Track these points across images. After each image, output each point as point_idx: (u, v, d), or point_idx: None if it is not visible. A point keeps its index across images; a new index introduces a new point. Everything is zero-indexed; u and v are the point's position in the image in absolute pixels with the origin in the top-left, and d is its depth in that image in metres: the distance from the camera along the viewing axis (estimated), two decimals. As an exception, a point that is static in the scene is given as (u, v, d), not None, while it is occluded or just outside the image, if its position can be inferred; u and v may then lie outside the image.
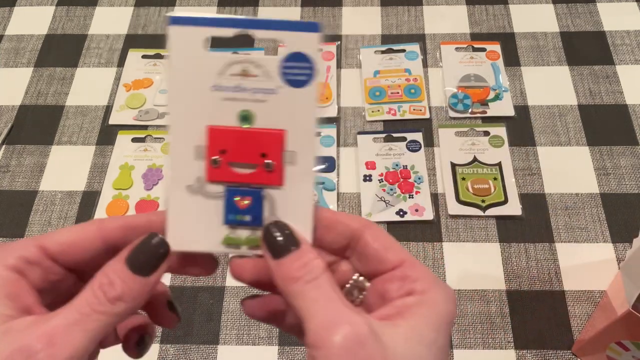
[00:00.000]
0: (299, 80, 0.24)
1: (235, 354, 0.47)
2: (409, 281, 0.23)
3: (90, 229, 0.24)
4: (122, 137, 0.59)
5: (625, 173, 0.55)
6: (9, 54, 0.66)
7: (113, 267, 0.22)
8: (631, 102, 0.59)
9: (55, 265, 0.23)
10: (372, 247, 0.24)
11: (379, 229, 0.25)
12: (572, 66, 0.62)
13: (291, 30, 0.24)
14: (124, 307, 0.22)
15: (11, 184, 0.56)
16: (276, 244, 0.23)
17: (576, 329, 0.47)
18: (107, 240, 0.24)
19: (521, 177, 0.55)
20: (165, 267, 0.23)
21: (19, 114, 0.61)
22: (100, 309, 0.21)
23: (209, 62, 0.24)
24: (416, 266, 0.24)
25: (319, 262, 0.23)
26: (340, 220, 0.25)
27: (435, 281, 0.23)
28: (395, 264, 0.24)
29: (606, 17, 0.66)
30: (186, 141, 0.24)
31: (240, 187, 0.25)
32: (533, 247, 0.51)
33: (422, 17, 0.67)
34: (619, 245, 0.51)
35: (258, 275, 0.26)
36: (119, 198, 0.55)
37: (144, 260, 0.23)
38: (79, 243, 0.24)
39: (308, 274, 0.22)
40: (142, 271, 0.22)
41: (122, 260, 0.23)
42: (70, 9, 0.69)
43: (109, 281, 0.22)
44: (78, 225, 0.24)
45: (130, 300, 0.22)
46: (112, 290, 0.22)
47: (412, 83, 0.61)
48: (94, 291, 0.22)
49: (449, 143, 0.57)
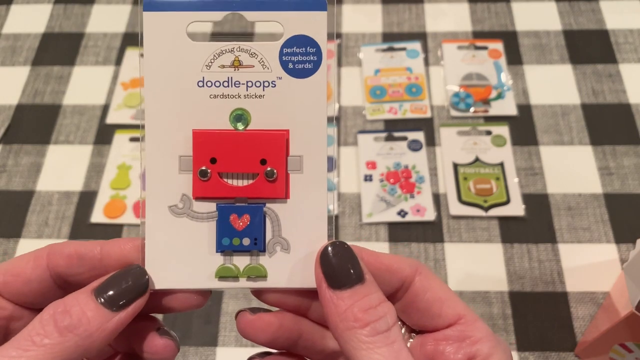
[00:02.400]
0: (303, 69, 0.20)
1: (234, 356, 0.46)
2: (469, 343, 0.19)
3: (39, 255, 0.21)
4: (120, 137, 0.58)
5: (628, 173, 0.54)
6: (5, 52, 0.65)
7: (75, 295, 0.19)
8: (634, 101, 0.59)
9: (2, 299, 0.20)
10: (424, 299, 0.20)
11: (430, 275, 0.21)
12: (575, 65, 0.62)
13: (291, 10, 0.20)
14: (74, 342, 0.18)
15: (8, 184, 0.56)
16: (337, 270, 0.19)
17: (579, 330, 0.47)
18: (52, 269, 0.21)
19: (524, 177, 0.54)
20: (140, 305, 0.20)
21: (16, 113, 0.61)
22: (44, 341, 0.17)
23: (193, 53, 0.20)
24: (475, 323, 0.20)
25: (390, 308, 0.19)
26: (386, 266, 0.21)
27: (497, 341, 0.20)
28: (451, 320, 0.20)
29: (609, 15, 0.65)
30: (167, 150, 0.20)
31: (235, 203, 0.21)
32: (535, 247, 0.51)
33: (423, 15, 0.66)
34: (622, 245, 0.50)
35: (279, 333, 0.22)
36: (117, 198, 0.54)
37: (116, 293, 0.19)
38: (21, 273, 0.20)
39: (380, 322, 0.18)
40: (111, 304, 0.19)
41: (89, 289, 0.19)
42: (68, 7, 0.69)
43: (64, 309, 0.18)
44: (29, 252, 0.21)
45: (85, 336, 0.18)
46: (65, 319, 0.18)
47: (414, 82, 0.61)
48: (42, 320, 0.18)
49: (450, 142, 0.56)
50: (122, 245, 0.21)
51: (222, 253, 0.21)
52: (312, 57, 0.20)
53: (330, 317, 0.19)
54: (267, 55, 0.20)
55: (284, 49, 0.20)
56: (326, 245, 0.20)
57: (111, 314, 0.19)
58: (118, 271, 0.20)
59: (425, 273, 0.21)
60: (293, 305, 0.22)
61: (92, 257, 0.21)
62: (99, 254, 0.21)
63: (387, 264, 0.21)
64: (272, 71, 0.20)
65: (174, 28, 0.20)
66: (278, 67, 0.20)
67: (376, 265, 0.21)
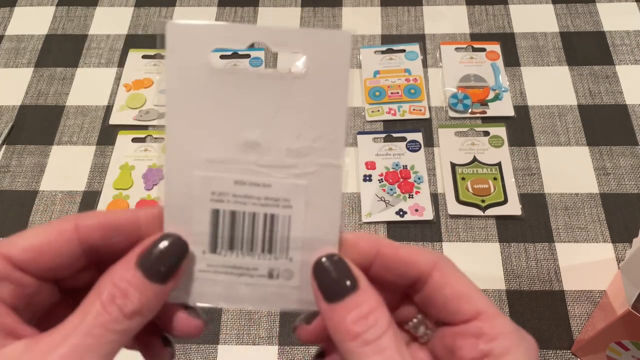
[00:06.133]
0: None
1: (235, 353, 0.47)
2: (485, 340, 0.19)
3: (64, 228, 0.20)
4: (123, 137, 0.59)
5: (625, 173, 0.55)
6: (9, 54, 0.66)
7: (123, 275, 0.19)
8: (631, 102, 0.59)
9: (26, 276, 0.19)
10: (442, 294, 0.20)
11: (450, 268, 0.20)
12: (571, 66, 0.62)
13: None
14: (141, 322, 0.19)
15: (11, 184, 0.57)
16: (329, 283, 0.19)
17: (576, 329, 0.47)
18: (84, 242, 0.20)
19: (521, 177, 0.55)
20: (182, 272, 0.20)
21: (20, 114, 0.61)
22: (116, 327, 0.18)
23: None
24: (495, 320, 0.19)
25: (382, 314, 0.19)
26: (403, 258, 0.20)
27: (517, 338, 0.19)
28: (469, 317, 0.19)
29: (606, 17, 0.66)
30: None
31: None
32: (533, 247, 0.51)
33: (422, 17, 0.67)
34: (618, 245, 0.51)
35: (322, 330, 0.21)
36: (119, 198, 0.55)
37: (160, 265, 0.19)
38: (50, 248, 0.19)
39: (369, 332, 0.18)
40: (159, 278, 0.19)
41: (132, 265, 0.19)
42: (71, 9, 0.69)
43: (122, 292, 0.18)
44: (48, 224, 0.20)
45: (148, 314, 0.19)
46: (128, 304, 0.18)
47: (412, 83, 0.61)
48: (105, 306, 0.18)
49: (448, 143, 0.57)
50: (155, 211, 0.21)
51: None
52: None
53: (329, 330, 0.19)
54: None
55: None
56: (318, 259, 0.20)
57: (163, 288, 0.19)
58: (154, 242, 0.20)
59: (445, 267, 0.20)
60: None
61: (128, 226, 0.20)
62: (137, 223, 0.20)
63: (404, 257, 0.20)
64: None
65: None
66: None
67: (393, 257, 0.20)
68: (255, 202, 0.21)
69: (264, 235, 0.21)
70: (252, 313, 0.48)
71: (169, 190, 0.21)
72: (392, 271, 0.20)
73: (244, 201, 0.21)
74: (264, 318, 0.48)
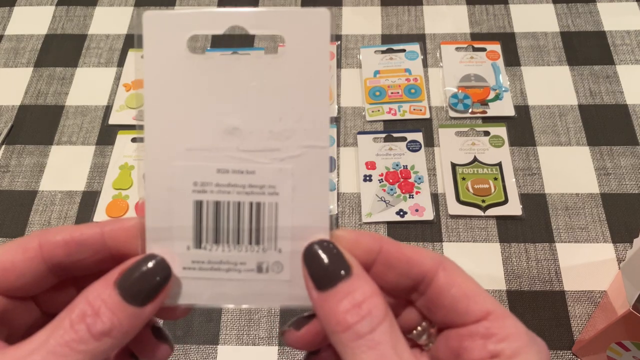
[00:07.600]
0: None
1: (235, 354, 0.47)
2: (495, 340, 0.18)
3: (28, 246, 0.19)
4: (122, 137, 0.59)
5: (625, 173, 0.55)
6: (8, 53, 0.66)
7: (99, 293, 0.18)
8: (631, 102, 0.59)
9: None
10: (449, 295, 0.19)
11: (455, 269, 0.20)
12: (572, 66, 0.62)
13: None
14: (110, 345, 0.18)
15: (11, 184, 0.56)
16: (319, 269, 0.18)
17: (576, 329, 0.47)
18: (48, 260, 0.19)
19: (521, 177, 0.55)
20: (164, 297, 0.19)
21: (19, 113, 0.61)
22: (80, 347, 0.17)
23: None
24: (504, 320, 0.18)
25: (377, 302, 0.18)
26: (407, 256, 0.20)
27: (528, 339, 0.18)
28: (478, 317, 0.19)
29: (606, 17, 0.65)
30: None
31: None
32: (533, 247, 0.51)
33: (422, 17, 0.67)
34: (619, 245, 0.51)
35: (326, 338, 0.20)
36: (119, 198, 0.55)
37: (139, 287, 0.18)
38: (14, 267, 0.19)
39: (362, 323, 0.17)
40: (137, 300, 0.18)
41: (111, 284, 0.18)
42: (70, 9, 0.69)
43: (94, 311, 0.17)
44: (13, 242, 0.19)
45: (120, 337, 0.18)
46: (98, 323, 0.17)
47: (412, 83, 0.61)
48: (74, 325, 0.17)
49: (449, 143, 0.57)
50: (124, 225, 0.20)
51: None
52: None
53: (320, 320, 0.18)
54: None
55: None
56: (308, 245, 0.19)
57: (140, 311, 0.18)
58: (137, 262, 0.19)
59: (450, 268, 0.20)
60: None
61: (93, 241, 0.19)
62: (101, 238, 0.20)
63: (408, 255, 0.20)
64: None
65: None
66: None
67: (396, 255, 0.20)
68: (239, 190, 0.20)
69: (251, 225, 0.20)
70: (252, 313, 0.48)
71: (149, 185, 0.20)
72: (396, 269, 0.20)
73: (227, 190, 0.20)
74: (264, 318, 0.48)
